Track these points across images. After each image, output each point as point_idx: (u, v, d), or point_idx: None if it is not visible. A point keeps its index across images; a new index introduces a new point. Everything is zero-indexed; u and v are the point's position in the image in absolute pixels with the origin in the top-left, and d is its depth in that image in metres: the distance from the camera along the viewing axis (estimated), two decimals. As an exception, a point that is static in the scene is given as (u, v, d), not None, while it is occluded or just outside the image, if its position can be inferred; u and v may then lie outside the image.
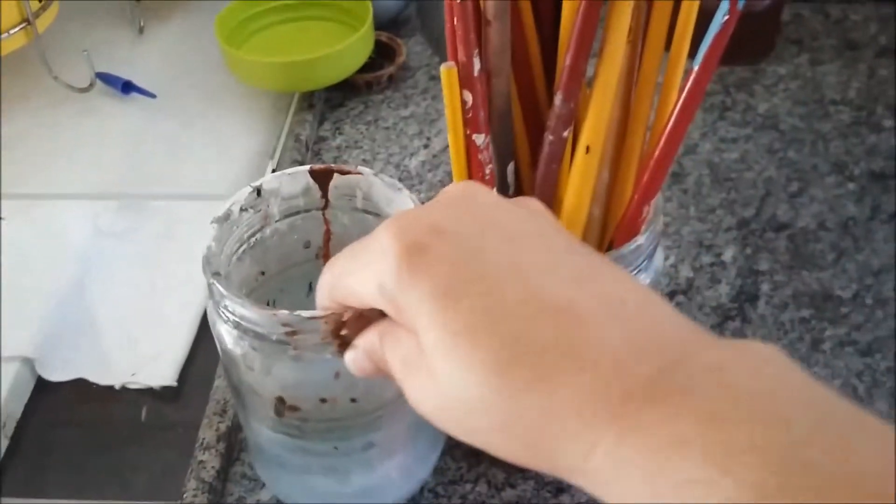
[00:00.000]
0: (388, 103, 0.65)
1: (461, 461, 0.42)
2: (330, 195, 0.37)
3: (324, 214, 0.37)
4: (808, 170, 0.57)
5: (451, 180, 0.34)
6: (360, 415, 0.34)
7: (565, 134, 0.29)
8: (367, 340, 0.26)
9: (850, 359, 0.45)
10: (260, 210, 0.36)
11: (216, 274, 0.32)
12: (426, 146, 0.61)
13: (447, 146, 0.61)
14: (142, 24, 0.72)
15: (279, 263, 0.38)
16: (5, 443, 0.46)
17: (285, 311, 0.30)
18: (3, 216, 0.57)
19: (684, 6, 0.29)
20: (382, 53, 0.68)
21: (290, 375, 0.32)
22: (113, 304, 0.52)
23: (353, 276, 0.24)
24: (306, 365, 0.32)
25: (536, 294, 0.20)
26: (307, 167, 0.36)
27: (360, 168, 0.36)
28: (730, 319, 0.48)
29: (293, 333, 0.30)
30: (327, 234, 0.37)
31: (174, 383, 0.48)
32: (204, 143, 0.62)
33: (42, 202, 0.58)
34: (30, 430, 0.47)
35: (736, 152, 0.58)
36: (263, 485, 0.41)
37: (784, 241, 0.52)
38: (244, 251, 0.36)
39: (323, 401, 0.33)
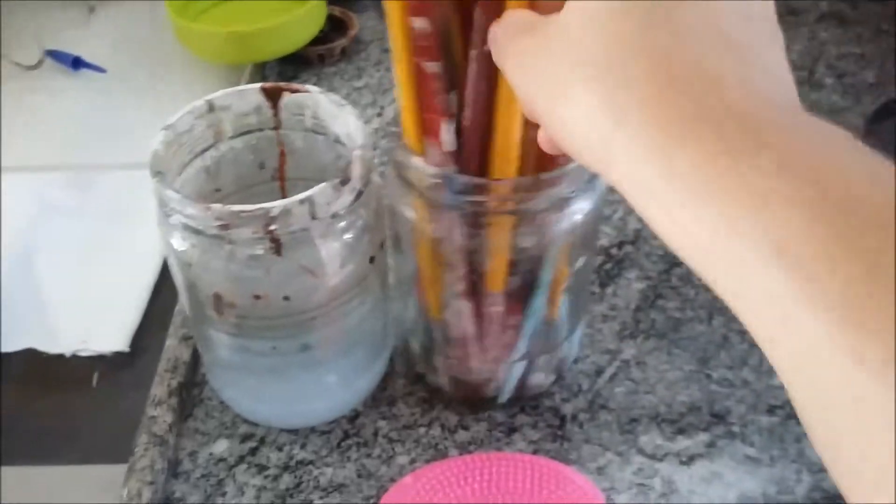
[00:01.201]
0: (340, 75, 0.65)
1: (415, 407, 0.42)
2: (281, 114, 0.38)
3: (277, 135, 0.38)
4: (752, 126, 0.58)
5: (393, 135, 0.35)
6: (293, 314, 0.36)
7: (486, 48, 0.30)
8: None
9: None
10: (213, 125, 0.37)
11: (159, 173, 0.34)
12: (379, 114, 0.61)
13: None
14: (93, 2, 0.72)
15: (235, 183, 0.39)
16: (-46, 413, 0.45)
17: (219, 205, 0.32)
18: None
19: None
20: (335, 28, 0.68)
21: (224, 271, 0.34)
22: (61, 274, 0.52)
23: None
24: (240, 260, 0.33)
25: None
26: (258, 84, 0.37)
27: (308, 86, 0.37)
28: (676, 266, 0.48)
29: (226, 227, 0.32)
30: (282, 156, 0.38)
31: (126, 349, 0.48)
32: (154, 117, 0.61)
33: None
34: (-21, 400, 0.47)
35: (682, 112, 0.59)
36: (218, 437, 0.41)
37: (729, 192, 0.53)
38: (199, 167, 0.38)
39: (257, 297, 0.35)
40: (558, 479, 0.38)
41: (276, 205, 0.33)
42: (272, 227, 0.33)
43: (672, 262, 0.49)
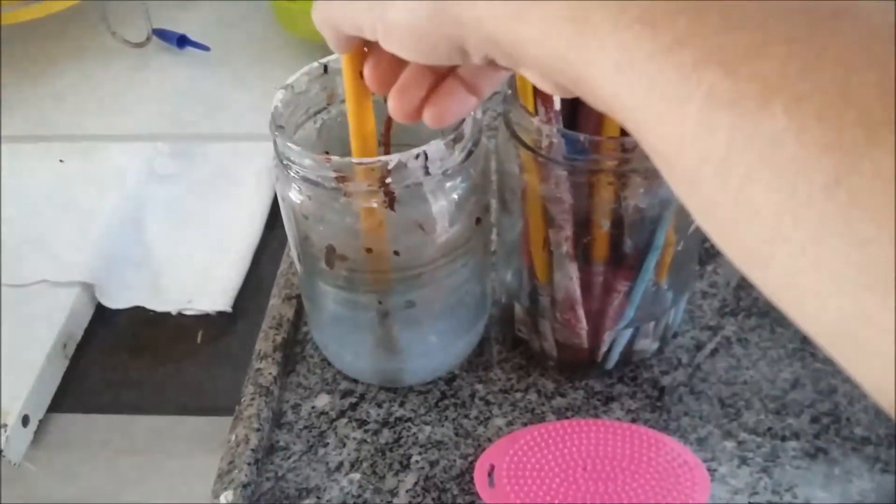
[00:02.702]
0: (433, 58, 0.66)
1: (511, 373, 0.42)
2: None
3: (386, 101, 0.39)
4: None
5: (507, 97, 0.36)
6: (401, 269, 0.37)
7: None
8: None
9: None
10: (326, 87, 0.39)
11: (279, 127, 0.35)
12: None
13: (494, 93, 0.62)
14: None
15: (342, 147, 0.40)
16: (66, 363, 0.48)
17: (337, 157, 0.33)
18: (61, 158, 0.59)
19: None
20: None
21: (339, 223, 0.35)
22: (169, 237, 0.54)
23: None
24: (354, 213, 0.35)
25: None
26: None
27: None
28: (778, 247, 0.48)
29: (343, 179, 0.33)
30: (388, 121, 0.39)
31: (229, 309, 0.49)
32: (255, 93, 0.64)
33: (101, 144, 0.60)
34: (89, 352, 0.49)
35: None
36: (319, 391, 0.42)
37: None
38: (311, 129, 0.39)
39: (368, 250, 0.36)
40: (658, 447, 0.38)
41: (392, 158, 0.34)
42: (387, 181, 0.34)
43: (773, 242, 0.48)
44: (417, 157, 0.34)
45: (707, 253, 0.47)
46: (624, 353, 0.41)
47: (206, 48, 0.67)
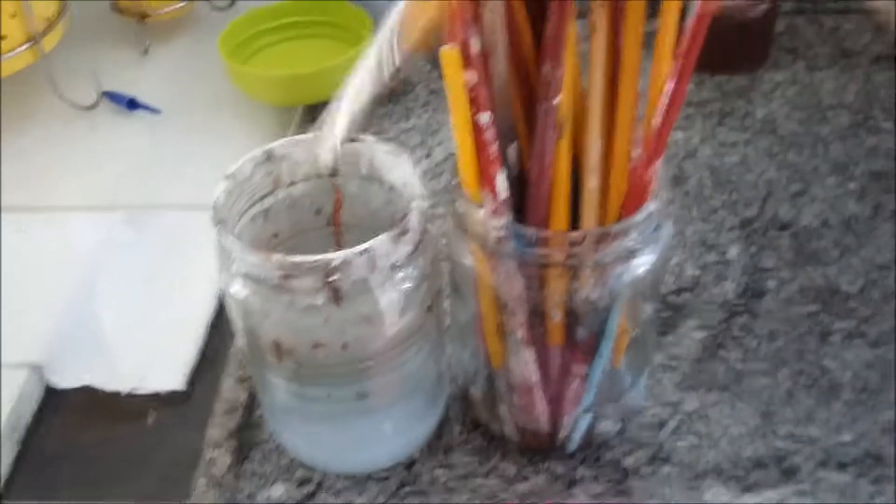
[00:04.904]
0: (389, 116, 0.66)
1: (472, 456, 0.41)
2: (337, 162, 0.38)
3: (333, 182, 0.38)
4: (808, 171, 0.57)
5: (453, 187, 0.35)
6: (350, 362, 0.36)
7: (555, 102, 0.30)
8: None
9: (859, 350, 0.45)
10: (272, 173, 0.38)
11: (221, 221, 0.35)
12: (428, 156, 0.62)
13: (449, 155, 0.61)
14: (147, 44, 0.73)
15: (292, 228, 0.40)
16: (15, 448, 0.46)
17: (280, 255, 0.32)
18: (8, 229, 0.57)
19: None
20: (384, 69, 0.69)
21: (284, 319, 0.34)
22: (120, 311, 0.53)
23: None
24: (299, 309, 0.34)
25: None
26: (315, 134, 0.38)
27: (364, 136, 0.37)
28: (737, 315, 0.47)
29: (287, 277, 0.33)
30: (338, 202, 0.39)
31: (182, 387, 0.48)
32: (208, 157, 0.63)
33: (48, 214, 0.58)
34: (39, 436, 0.47)
35: (736, 156, 0.59)
36: (275, 480, 0.41)
37: (788, 239, 0.52)
38: (257, 212, 0.38)
39: (316, 346, 0.35)
40: (620, 535, 0.37)
41: (337, 256, 0.33)
42: (332, 278, 0.33)
43: (732, 311, 0.48)
44: (362, 254, 0.33)
45: (665, 323, 0.47)
46: (585, 435, 0.40)
47: (156, 111, 0.65)
